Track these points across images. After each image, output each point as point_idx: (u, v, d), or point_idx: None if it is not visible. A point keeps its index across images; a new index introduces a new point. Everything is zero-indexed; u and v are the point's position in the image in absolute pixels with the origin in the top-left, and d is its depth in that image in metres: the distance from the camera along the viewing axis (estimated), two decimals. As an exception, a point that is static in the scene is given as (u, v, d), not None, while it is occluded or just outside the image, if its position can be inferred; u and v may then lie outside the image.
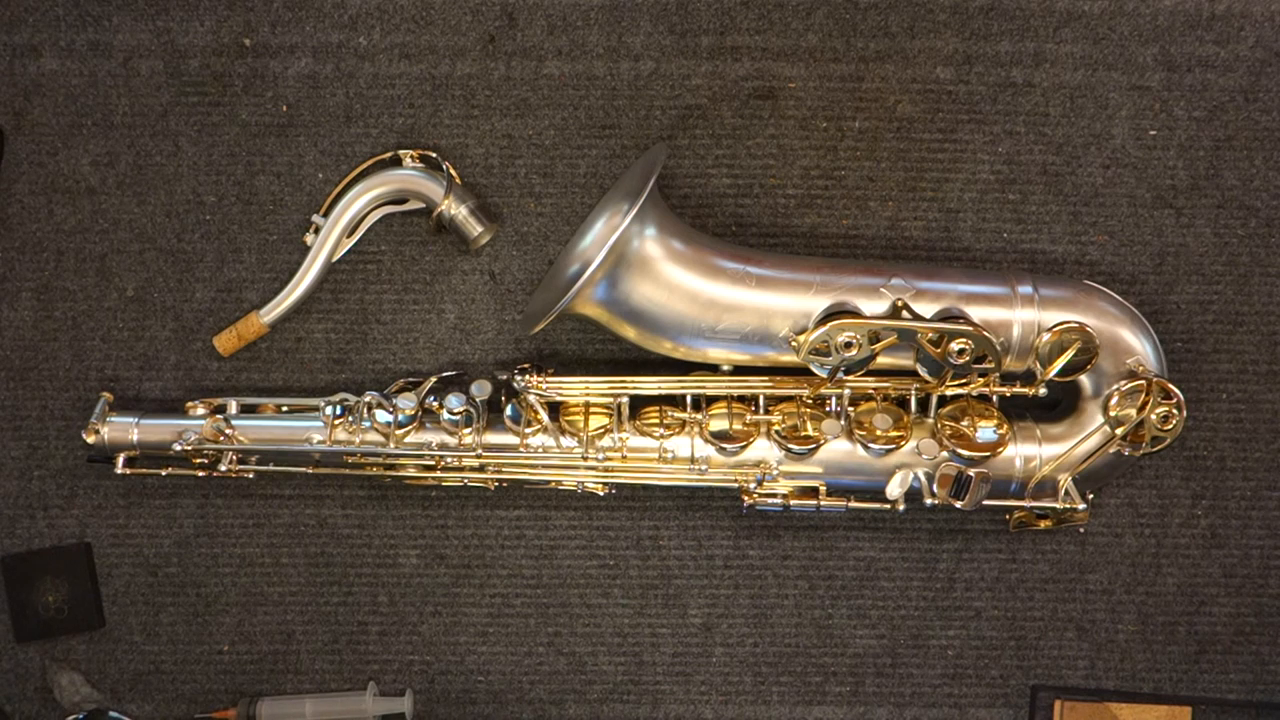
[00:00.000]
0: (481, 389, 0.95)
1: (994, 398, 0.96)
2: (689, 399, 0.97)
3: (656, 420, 0.96)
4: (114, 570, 1.06)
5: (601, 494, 1.00)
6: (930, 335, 0.90)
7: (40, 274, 1.05)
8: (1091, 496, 0.97)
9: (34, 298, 1.05)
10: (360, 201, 1.00)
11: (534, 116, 1.03)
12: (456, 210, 0.99)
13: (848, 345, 0.89)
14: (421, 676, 1.07)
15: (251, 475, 1.00)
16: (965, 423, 0.95)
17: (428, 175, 1.00)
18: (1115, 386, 0.91)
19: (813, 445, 0.94)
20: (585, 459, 0.96)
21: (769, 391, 0.96)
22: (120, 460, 0.99)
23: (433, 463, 0.98)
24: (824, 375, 0.91)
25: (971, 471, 0.90)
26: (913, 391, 0.95)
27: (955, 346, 0.90)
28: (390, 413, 0.96)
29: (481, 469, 0.98)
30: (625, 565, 1.06)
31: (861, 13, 1.02)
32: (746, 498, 0.95)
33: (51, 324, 1.05)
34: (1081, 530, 1.05)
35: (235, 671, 1.07)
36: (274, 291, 1.01)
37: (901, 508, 0.94)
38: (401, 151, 1.02)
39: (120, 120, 1.04)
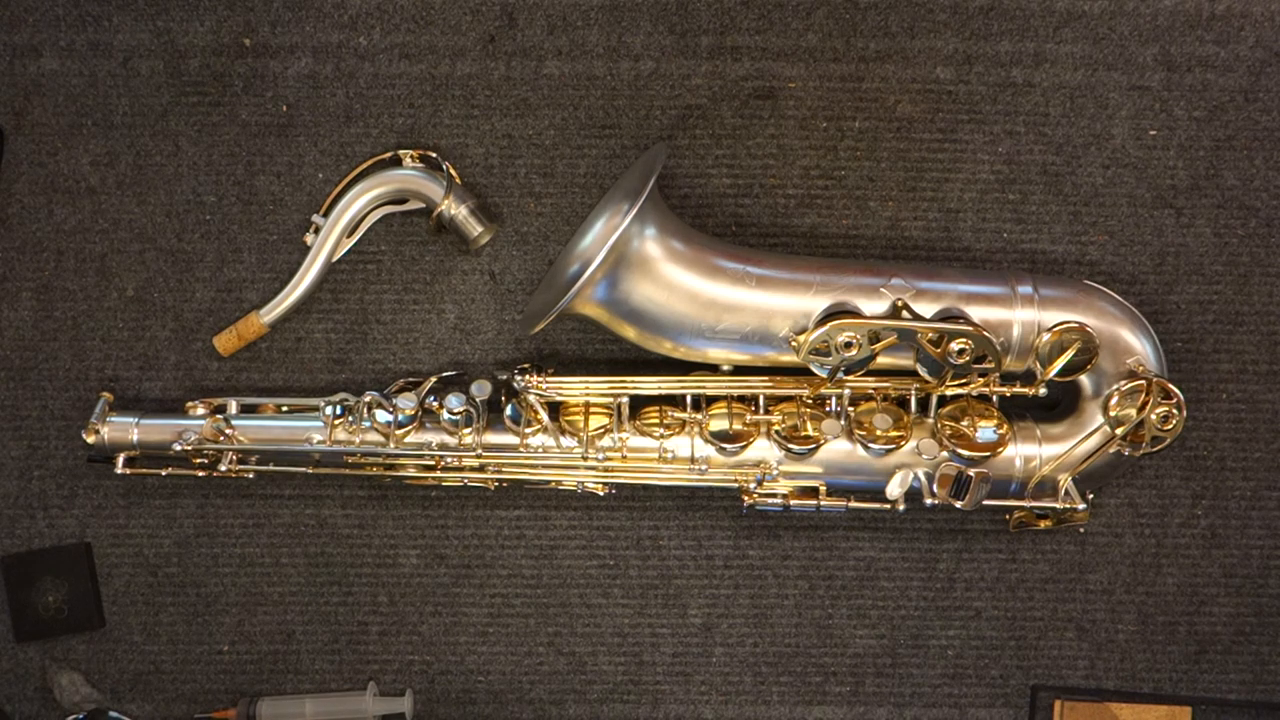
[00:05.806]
0: (481, 389, 0.95)
1: (994, 398, 0.96)
2: (689, 399, 0.97)
3: (656, 420, 0.96)
4: (114, 570, 1.06)
5: (601, 494, 1.00)
6: (930, 335, 0.90)
7: (40, 274, 1.05)
8: (1091, 496, 0.97)
9: (34, 298, 1.05)
10: (360, 201, 1.00)
11: (534, 116, 1.03)
12: (456, 210, 0.99)
13: (848, 345, 0.89)
14: (421, 676, 1.07)
15: (251, 475, 1.00)
16: (965, 423, 0.95)
17: (428, 175, 1.00)
18: (1115, 386, 0.91)
19: (813, 445, 0.94)
20: (585, 459, 0.96)
21: (769, 391, 0.96)
22: (120, 460, 0.99)
23: (433, 463, 0.98)
24: (824, 375, 0.91)
25: (971, 471, 0.90)
26: (913, 391, 0.95)
27: (955, 346, 0.90)
28: (390, 413, 0.96)
29: (481, 469, 0.98)
30: (625, 565, 1.06)
31: (861, 13, 1.02)
32: (746, 498, 0.95)
33: (51, 324, 1.05)
34: (1081, 530, 1.05)
35: (235, 671, 1.07)
36: (274, 291, 1.01)
37: (901, 508, 0.94)
38: (401, 151, 1.02)
39: (120, 120, 1.04)
